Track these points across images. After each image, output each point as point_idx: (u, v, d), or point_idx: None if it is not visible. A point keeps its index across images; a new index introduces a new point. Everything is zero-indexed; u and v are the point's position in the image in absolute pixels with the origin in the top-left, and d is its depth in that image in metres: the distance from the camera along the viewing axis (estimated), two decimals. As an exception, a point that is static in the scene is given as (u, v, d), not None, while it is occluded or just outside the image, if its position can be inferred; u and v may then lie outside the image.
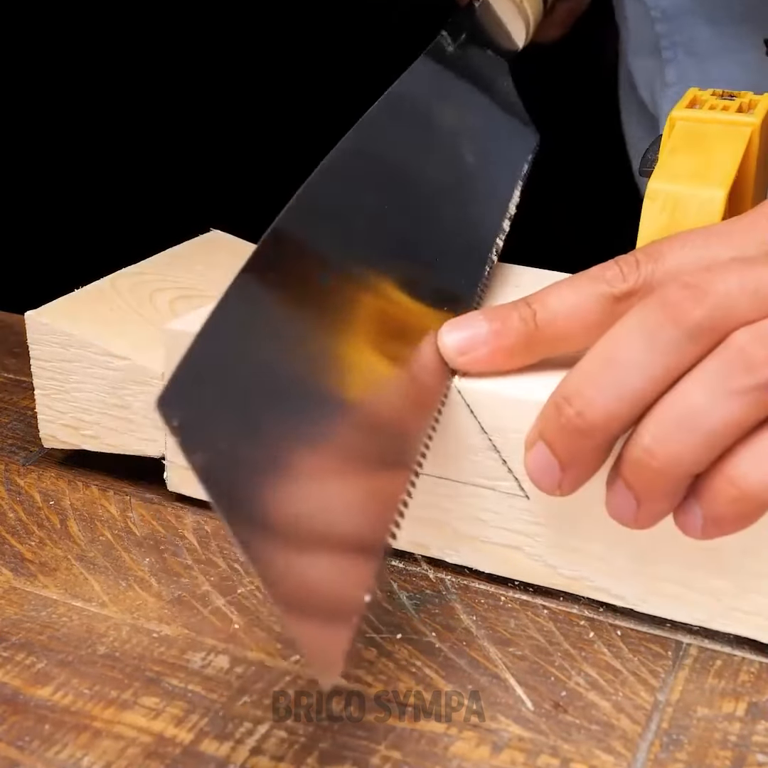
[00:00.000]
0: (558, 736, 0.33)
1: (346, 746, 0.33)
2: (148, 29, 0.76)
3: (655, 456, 0.33)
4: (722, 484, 0.32)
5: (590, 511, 0.37)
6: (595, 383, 0.33)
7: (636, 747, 0.33)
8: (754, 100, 0.45)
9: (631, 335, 0.33)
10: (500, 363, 0.38)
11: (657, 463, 0.33)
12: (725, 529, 0.33)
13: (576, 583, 0.38)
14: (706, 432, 0.32)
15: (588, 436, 0.33)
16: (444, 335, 0.38)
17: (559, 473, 0.34)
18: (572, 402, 0.33)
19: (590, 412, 0.33)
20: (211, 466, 0.28)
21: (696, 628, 0.37)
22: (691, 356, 0.33)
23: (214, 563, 0.41)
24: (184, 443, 0.27)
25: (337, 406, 0.34)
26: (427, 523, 0.40)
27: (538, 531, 0.38)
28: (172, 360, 0.30)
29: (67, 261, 0.64)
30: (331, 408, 0.34)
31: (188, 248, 0.52)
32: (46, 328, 0.44)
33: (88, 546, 0.42)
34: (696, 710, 0.34)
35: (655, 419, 0.33)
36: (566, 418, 0.33)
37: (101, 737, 0.33)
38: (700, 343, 0.33)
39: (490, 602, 0.39)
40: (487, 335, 0.38)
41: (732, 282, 0.33)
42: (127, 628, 0.37)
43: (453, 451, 0.39)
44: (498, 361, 0.38)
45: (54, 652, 0.36)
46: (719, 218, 0.40)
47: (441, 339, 0.38)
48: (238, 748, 0.33)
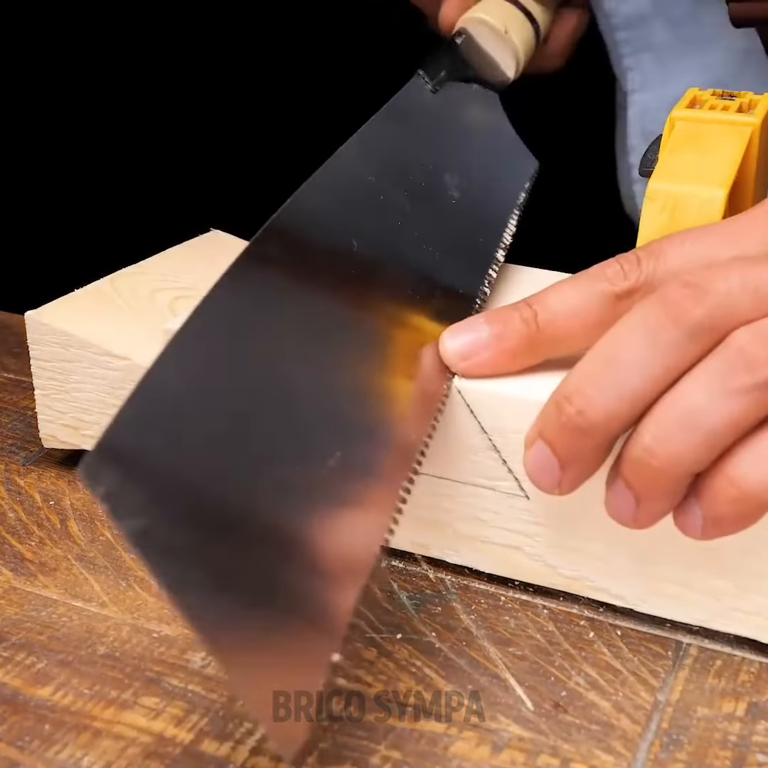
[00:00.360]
0: (558, 736, 0.33)
1: (346, 746, 0.33)
2: (148, 30, 0.76)
3: (656, 455, 0.32)
4: (722, 484, 0.32)
5: (590, 511, 0.37)
6: (595, 382, 0.33)
7: (636, 747, 0.33)
8: (754, 100, 0.45)
9: (632, 334, 0.33)
10: (503, 366, 0.38)
11: (657, 462, 0.32)
12: (725, 529, 0.33)
13: (576, 583, 0.38)
14: (706, 431, 0.32)
15: (588, 434, 0.33)
16: (445, 341, 0.38)
17: (558, 472, 0.34)
18: (573, 401, 0.33)
19: (591, 410, 0.33)
20: (143, 533, 0.27)
21: (696, 628, 0.37)
22: (692, 356, 0.33)
23: (214, 563, 0.41)
24: (111, 511, 0.26)
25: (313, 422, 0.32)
26: (428, 523, 0.40)
27: (538, 531, 0.38)
28: None
29: (67, 261, 0.64)
30: (303, 426, 0.32)
31: (188, 248, 0.52)
32: (46, 328, 0.44)
33: (88, 546, 0.42)
34: (696, 710, 0.34)
35: (655, 419, 0.33)
36: (567, 417, 0.33)
37: (101, 737, 0.33)
38: (701, 343, 0.33)
39: (490, 602, 0.39)
40: (488, 339, 0.37)
41: (733, 281, 0.33)
42: (127, 628, 0.37)
43: (453, 451, 0.39)
44: (500, 364, 0.38)
45: (54, 652, 0.36)
46: (719, 218, 0.40)
47: (442, 344, 0.38)
48: (238, 748, 0.33)
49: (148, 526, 0.27)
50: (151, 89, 0.77)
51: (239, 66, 0.75)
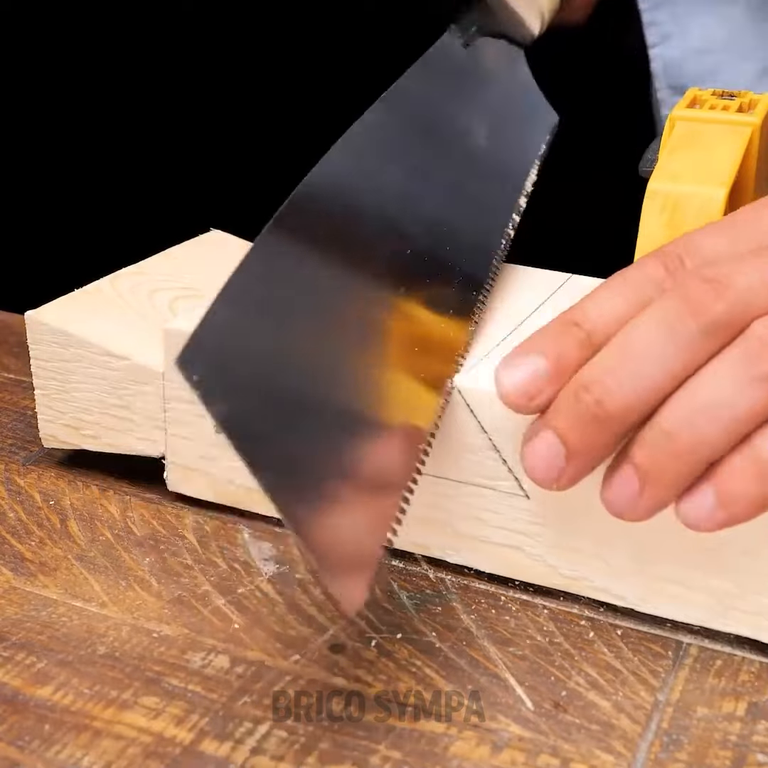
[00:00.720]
0: (558, 736, 0.33)
1: (346, 746, 0.33)
2: (148, 30, 0.76)
3: (676, 440, 0.33)
4: (741, 463, 0.32)
5: (591, 511, 0.37)
6: (615, 374, 0.33)
7: (636, 747, 0.33)
8: (755, 100, 0.45)
9: (653, 329, 0.33)
10: None
11: (676, 446, 0.33)
12: (737, 512, 0.33)
13: (576, 583, 0.38)
14: (729, 419, 0.32)
15: (604, 425, 0.33)
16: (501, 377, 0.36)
17: (562, 464, 0.34)
18: (592, 390, 0.33)
19: (609, 400, 0.33)
20: (231, 417, 0.30)
21: (696, 628, 0.37)
22: (709, 351, 0.33)
23: (214, 563, 0.41)
24: (204, 396, 0.30)
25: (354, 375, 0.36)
26: (428, 522, 0.40)
27: (539, 531, 0.38)
28: (172, 360, 0.30)
29: (67, 261, 0.64)
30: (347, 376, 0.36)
31: (188, 248, 0.52)
32: (46, 328, 0.44)
33: (88, 546, 0.42)
34: (696, 710, 0.34)
35: (677, 405, 0.33)
36: (585, 406, 0.33)
37: (101, 737, 0.33)
38: (719, 338, 0.33)
39: (490, 602, 0.39)
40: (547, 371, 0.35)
41: (753, 275, 0.33)
42: (127, 628, 0.37)
43: (453, 451, 0.39)
44: None
45: (54, 652, 0.36)
46: (719, 218, 0.40)
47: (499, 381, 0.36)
48: (238, 748, 0.33)
49: (233, 410, 0.30)
50: (151, 89, 0.77)
51: (239, 64, 0.75)
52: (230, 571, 0.40)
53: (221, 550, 0.41)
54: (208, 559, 0.41)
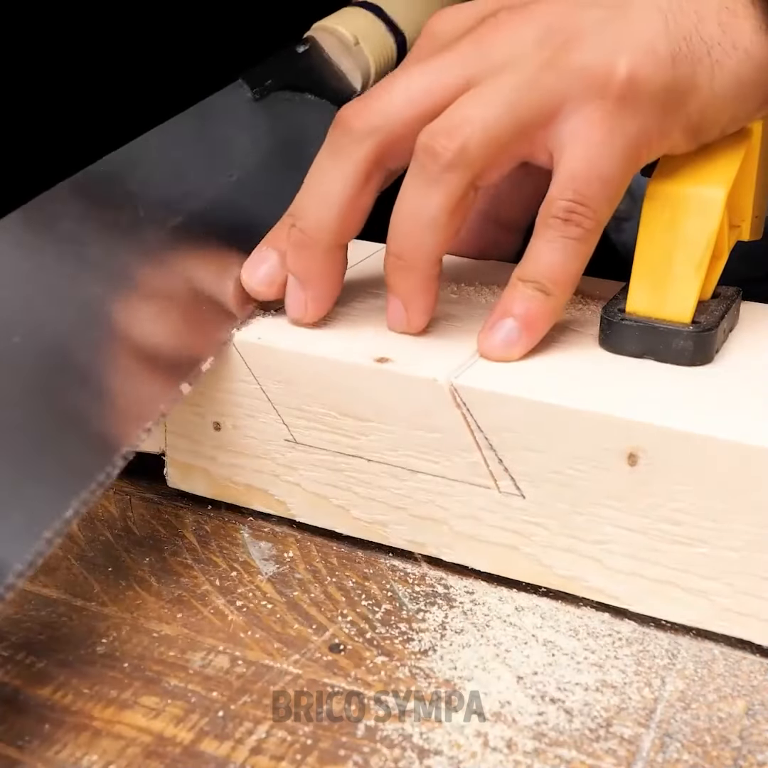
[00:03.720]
0: (558, 736, 0.33)
1: (346, 746, 0.33)
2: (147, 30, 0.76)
3: (401, 256, 0.39)
4: None
5: (586, 511, 0.37)
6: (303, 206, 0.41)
7: (636, 747, 0.33)
8: (754, 100, 0.45)
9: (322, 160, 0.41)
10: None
11: (404, 261, 0.39)
12: None
13: (571, 583, 0.38)
14: (428, 221, 0.39)
15: (313, 249, 0.40)
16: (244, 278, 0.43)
17: (301, 293, 0.41)
18: (294, 223, 0.41)
19: (305, 226, 0.40)
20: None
21: (696, 629, 0.37)
22: None
23: (214, 563, 0.41)
24: None
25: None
26: (423, 521, 0.40)
27: (534, 530, 0.38)
28: None
29: None
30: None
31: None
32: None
33: (88, 546, 0.42)
34: (696, 710, 0.34)
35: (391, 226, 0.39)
36: (294, 235, 0.41)
37: (101, 737, 0.33)
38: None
39: (490, 602, 0.39)
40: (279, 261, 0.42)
41: None
42: (127, 628, 0.37)
43: (449, 450, 0.39)
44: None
45: (54, 652, 0.36)
46: (719, 218, 0.40)
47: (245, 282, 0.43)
48: (238, 748, 0.33)
49: None
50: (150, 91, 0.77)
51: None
52: (230, 571, 0.40)
53: (221, 550, 0.41)
54: (207, 558, 0.41)
